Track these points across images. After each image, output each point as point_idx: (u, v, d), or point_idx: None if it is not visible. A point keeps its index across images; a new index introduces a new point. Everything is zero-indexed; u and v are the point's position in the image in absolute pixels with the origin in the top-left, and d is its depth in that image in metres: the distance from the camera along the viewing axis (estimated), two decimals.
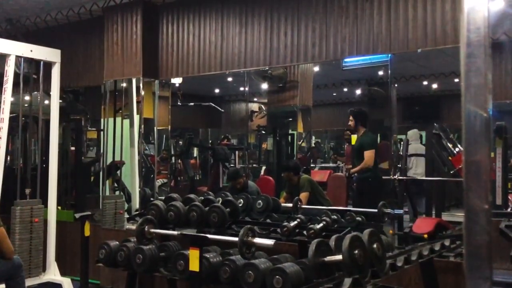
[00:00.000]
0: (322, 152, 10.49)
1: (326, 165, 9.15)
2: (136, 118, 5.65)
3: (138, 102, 5.61)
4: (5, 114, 4.87)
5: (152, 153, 6.82)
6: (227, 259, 3.01)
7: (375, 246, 2.54)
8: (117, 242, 3.56)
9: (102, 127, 6.04)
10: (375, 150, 5.25)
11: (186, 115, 8.26)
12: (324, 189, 5.95)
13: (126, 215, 5.62)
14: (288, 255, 3.13)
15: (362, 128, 5.37)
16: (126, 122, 5.77)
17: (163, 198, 4.29)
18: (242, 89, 7.80)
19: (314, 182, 5.57)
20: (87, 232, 4.33)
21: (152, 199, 5.13)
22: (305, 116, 7.54)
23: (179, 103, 6.96)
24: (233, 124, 9.45)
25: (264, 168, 8.11)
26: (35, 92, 5.89)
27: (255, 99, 8.60)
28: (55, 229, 5.33)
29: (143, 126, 5.66)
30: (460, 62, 1.24)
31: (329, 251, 2.57)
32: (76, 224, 5.12)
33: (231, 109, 9.43)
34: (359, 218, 3.82)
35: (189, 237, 3.16)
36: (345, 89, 8.72)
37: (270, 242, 2.97)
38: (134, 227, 3.64)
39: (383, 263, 2.62)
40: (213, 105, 8.24)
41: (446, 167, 6.09)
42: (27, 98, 5.94)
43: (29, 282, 4.77)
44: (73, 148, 6.79)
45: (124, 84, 5.78)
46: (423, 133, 7.06)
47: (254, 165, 8.80)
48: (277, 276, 2.65)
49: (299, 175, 5.53)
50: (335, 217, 3.74)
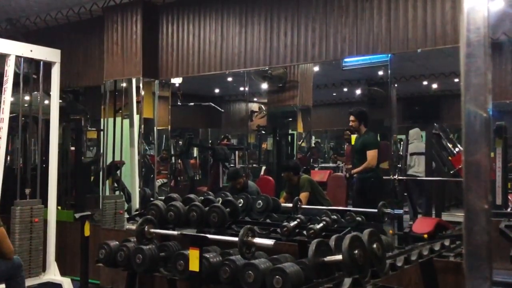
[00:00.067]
0: (322, 152, 10.48)
1: (326, 165, 9.15)
2: (136, 118, 5.65)
3: (138, 102, 5.62)
4: (5, 114, 4.87)
5: (152, 153, 6.82)
6: (227, 259, 3.01)
7: (375, 246, 2.54)
8: (117, 242, 3.56)
9: (102, 127, 6.04)
10: (378, 150, 5.23)
11: (186, 115, 8.26)
12: (324, 189, 5.95)
13: (126, 215, 5.62)
14: (288, 255, 3.13)
15: (363, 128, 5.36)
16: (126, 122, 5.77)
17: (163, 198, 4.28)
18: (242, 89, 7.80)
19: (314, 182, 5.57)
20: (87, 232, 4.33)
21: (152, 199, 5.13)
22: (305, 116, 7.53)
23: (179, 103, 6.95)
24: (233, 124, 9.44)
25: (264, 168, 8.10)
26: (35, 92, 5.89)
27: (255, 99, 8.59)
28: (55, 229, 5.33)
29: (143, 126, 5.66)
30: (460, 62, 1.24)
31: (329, 251, 2.57)
32: (76, 224, 5.13)
33: (231, 109, 9.42)
34: (359, 218, 3.83)
35: (189, 237, 3.16)
36: (345, 89, 8.71)
37: (270, 242, 2.97)
38: (134, 227, 3.63)
39: (383, 263, 2.62)
40: (213, 105, 8.23)
41: (446, 167, 6.09)
42: (27, 98, 5.93)
43: (29, 282, 4.77)
44: (73, 148, 6.79)
45: (124, 84, 5.78)
46: (423, 133, 7.05)
47: (254, 165, 8.79)
48: (277, 276, 2.65)
49: (299, 175, 5.53)
50: (335, 217, 3.74)
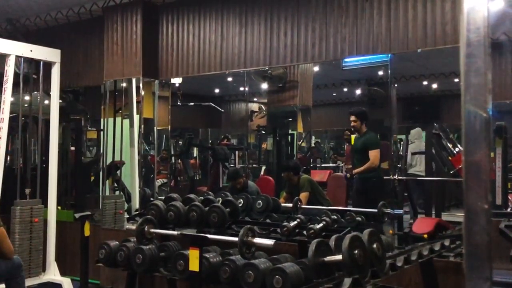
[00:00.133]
0: (322, 152, 10.48)
1: (326, 165, 9.14)
2: (136, 118, 5.65)
3: (138, 102, 5.61)
4: (5, 114, 4.87)
5: (152, 153, 6.82)
6: (227, 259, 3.01)
7: (375, 246, 2.55)
8: (117, 242, 3.56)
9: (102, 127, 6.04)
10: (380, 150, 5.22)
11: (186, 115, 8.25)
12: (324, 189, 5.94)
13: (126, 215, 5.62)
14: (288, 255, 3.13)
15: (364, 128, 5.35)
16: (126, 122, 5.77)
17: (163, 198, 4.29)
18: (242, 89, 7.79)
19: (314, 182, 5.56)
20: (87, 232, 4.32)
21: (152, 199, 5.13)
22: (305, 116, 7.52)
23: (179, 103, 6.95)
24: (233, 124, 9.44)
25: (264, 168, 8.10)
26: (35, 92, 5.89)
27: (255, 99, 8.58)
28: (55, 229, 5.33)
29: (143, 126, 5.66)
30: (460, 62, 1.24)
31: (329, 251, 2.57)
32: (76, 224, 5.13)
33: (231, 109, 9.41)
34: (359, 218, 3.83)
35: (189, 237, 3.16)
36: (345, 89, 8.69)
37: (270, 242, 2.97)
38: (134, 227, 3.64)
39: (383, 263, 2.62)
40: (213, 105, 8.23)
41: (446, 167, 6.09)
42: (27, 98, 5.93)
43: (29, 282, 4.77)
44: (73, 148, 6.79)
45: (124, 84, 5.78)
46: (423, 133, 7.06)
47: (254, 165, 8.79)
48: (277, 276, 2.65)
49: (299, 175, 5.52)
50: (335, 217, 3.74)
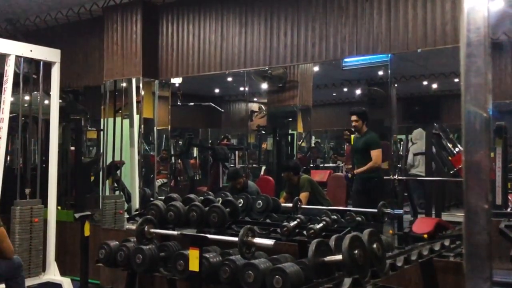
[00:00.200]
0: (322, 152, 10.48)
1: (327, 165, 9.14)
2: (136, 118, 5.65)
3: (138, 102, 5.61)
4: (5, 114, 4.87)
5: (152, 153, 6.82)
6: (227, 259, 3.01)
7: (375, 246, 2.55)
8: (117, 242, 3.56)
9: (102, 127, 6.04)
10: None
11: (186, 115, 8.25)
12: (324, 189, 5.94)
13: (126, 215, 5.62)
14: (288, 255, 3.13)
15: (365, 128, 5.35)
16: (126, 122, 5.77)
17: (163, 198, 4.29)
18: (242, 89, 7.79)
19: (314, 182, 5.56)
20: (87, 232, 4.32)
21: (152, 199, 5.13)
22: (305, 116, 7.52)
23: (179, 103, 6.95)
24: (233, 124, 9.44)
25: (264, 168, 8.10)
26: (35, 92, 5.88)
27: (255, 99, 8.58)
28: (55, 229, 5.33)
29: (143, 126, 5.66)
30: (460, 62, 1.24)
31: (329, 251, 2.57)
32: (76, 224, 5.13)
33: (231, 109, 9.41)
34: (359, 218, 3.82)
35: (189, 237, 3.16)
36: (345, 89, 8.69)
37: (270, 242, 2.97)
38: (134, 227, 3.64)
39: (383, 263, 2.62)
40: (213, 105, 8.23)
41: (446, 167, 6.09)
42: (27, 98, 5.93)
43: (29, 282, 4.76)
44: (73, 148, 6.79)
45: (124, 84, 5.78)
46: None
47: (254, 165, 8.79)
48: (277, 276, 2.65)
49: (299, 175, 5.52)
50: (335, 217, 3.74)
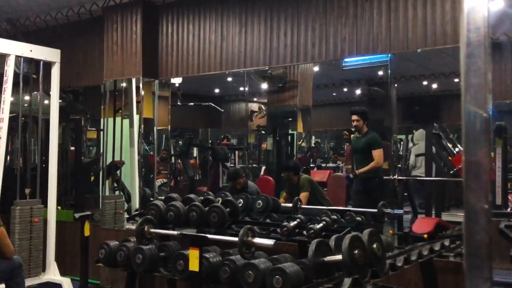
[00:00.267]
0: (322, 152, 10.48)
1: (327, 165, 9.14)
2: (136, 118, 5.65)
3: (138, 102, 5.61)
4: (5, 114, 4.86)
5: (152, 153, 6.82)
6: (227, 259, 3.01)
7: (375, 246, 2.54)
8: (117, 242, 3.56)
9: (102, 127, 6.04)
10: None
11: (186, 115, 8.26)
12: (324, 189, 5.94)
13: (126, 215, 5.62)
14: (288, 255, 3.13)
15: (366, 127, 5.34)
16: (126, 122, 5.76)
17: (163, 198, 4.29)
18: (242, 89, 7.80)
19: (314, 182, 5.56)
20: (87, 232, 4.32)
21: (152, 199, 5.13)
22: (305, 116, 7.52)
23: (179, 103, 6.95)
24: (233, 124, 9.44)
25: (264, 168, 8.10)
26: (35, 92, 5.88)
27: (255, 99, 8.59)
28: (55, 229, 5.32)
29: (143, 126, 5.66)
30: (460, 62, 1.24)
31: (329, 251, 2.57)
32: (76, 224, 5.13)
33: (231, 109, 9.41)
34: (359, 218, 3.82)
35: (189, 237, 3.16)
36: (345, 89, 8.70)
37: (270, 242, 2.97)
38: (134, 227, 3.64)
39: (383, 263, 2.62)
40: (213, 105, 8.23)
41: (446, 167, 6.09)
42: (27, 98, 5.93)
43: (29, 282, 4.76)
44: (73, 148, 6.79)
45: (124, 84, 5.78)
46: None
47: (254, 165, 8.79)
48: (277, 276, 2.65)
49: (299, 175, 5.52)
50: (335, 217, 3.74)
